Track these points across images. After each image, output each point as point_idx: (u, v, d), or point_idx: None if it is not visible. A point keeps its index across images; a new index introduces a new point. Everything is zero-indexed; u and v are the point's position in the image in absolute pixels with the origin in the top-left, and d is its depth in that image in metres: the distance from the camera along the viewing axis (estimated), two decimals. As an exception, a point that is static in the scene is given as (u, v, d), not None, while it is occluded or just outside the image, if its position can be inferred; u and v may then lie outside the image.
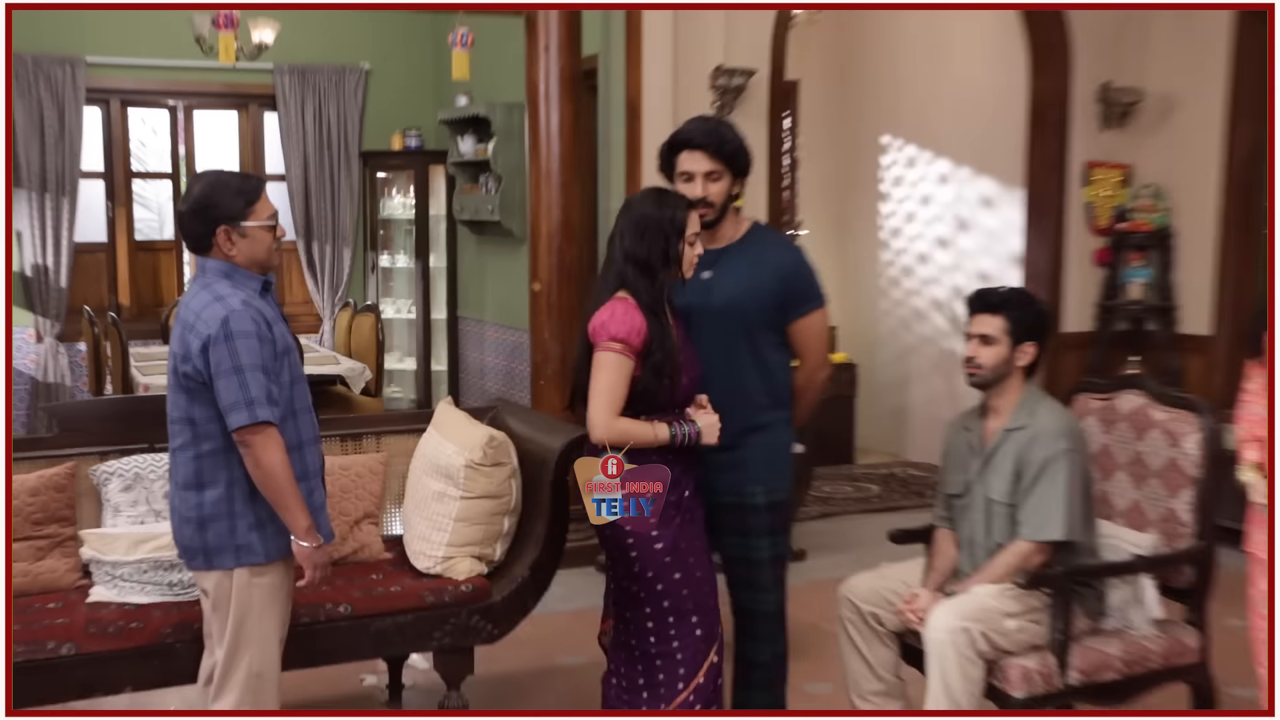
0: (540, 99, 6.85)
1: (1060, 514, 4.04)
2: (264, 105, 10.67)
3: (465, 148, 9.97)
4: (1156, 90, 8.16)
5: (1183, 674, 4.33)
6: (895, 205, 9.99)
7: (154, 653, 4.17)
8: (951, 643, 3.93)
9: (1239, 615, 4.51)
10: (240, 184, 3.78)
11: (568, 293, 6.91)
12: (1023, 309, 4.26)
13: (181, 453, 3.77)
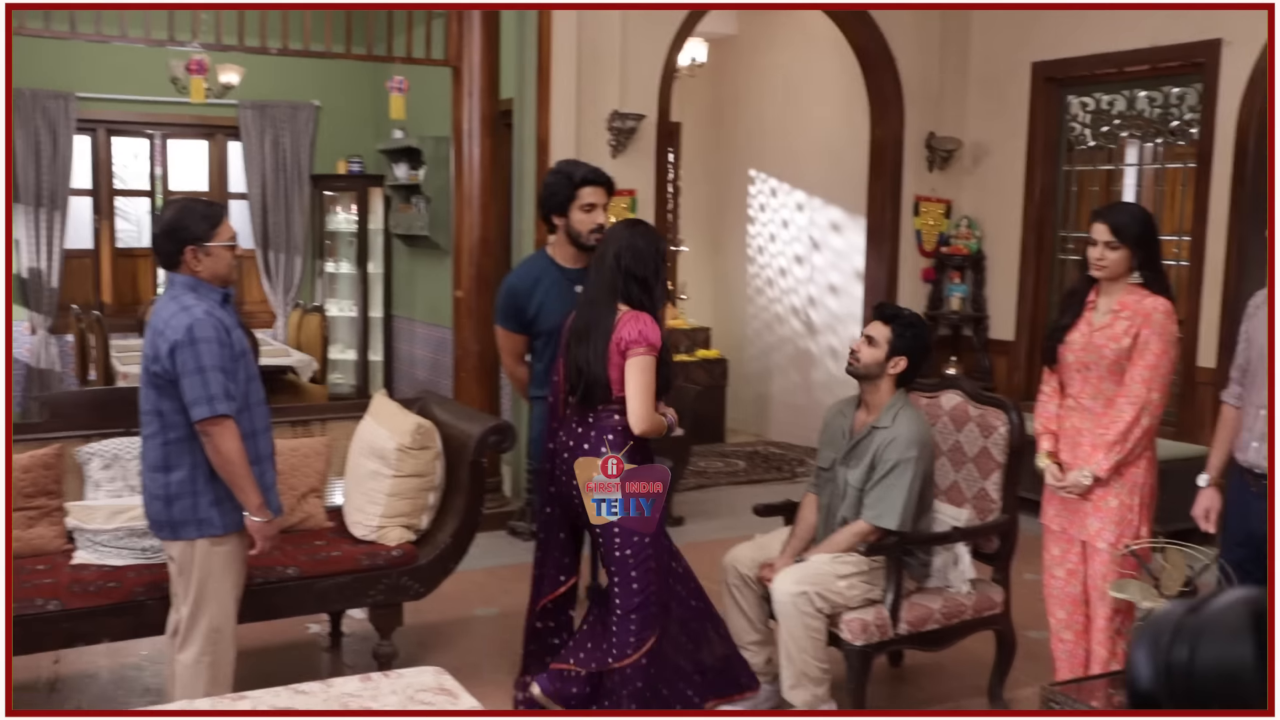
0: (464, 136, 6.80)
1: (899, 508, 4.06)
2: (229, 135, 10.44)
3: (400, 173, 9.86)
4: (972, 139, 8.27)
5: (990, 623, 4.40)
6: (760, 227, 10.00)
7: (128, 608, 4.10)
8: (793, 603, 3.97)
9: (1034, 571, 4.58)
10: (205, 210, 3.77)
11: (485, 299, 6.82)
12: (908, 329, 4.23)
13: (151, 440, 3.73)
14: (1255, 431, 3.65)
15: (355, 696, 3.26)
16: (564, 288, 4.45)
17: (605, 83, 7.08)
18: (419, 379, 10.07)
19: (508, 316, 4.58)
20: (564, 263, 4.51)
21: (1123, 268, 4.02)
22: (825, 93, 9.07)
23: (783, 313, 9.74)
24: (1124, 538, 3.97)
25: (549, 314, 4.44)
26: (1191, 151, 7.04)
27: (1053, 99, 7.79)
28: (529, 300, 4.46)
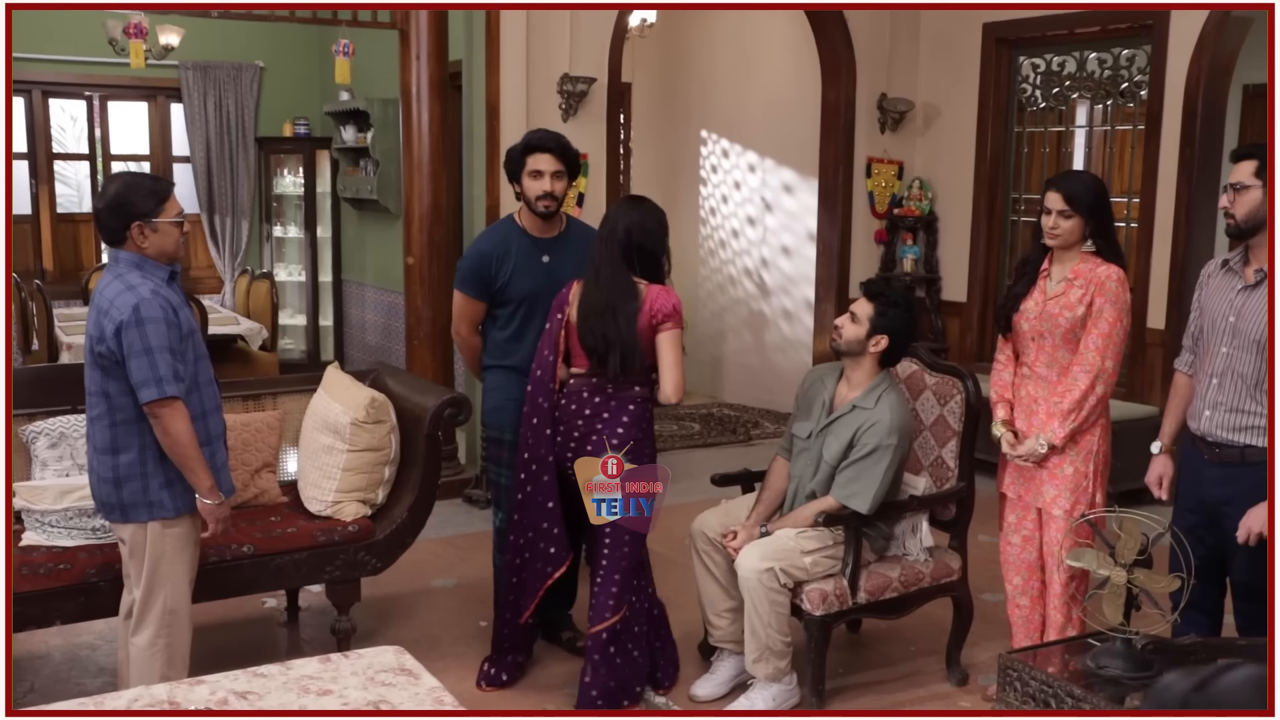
0: (413, 100, 6.70)
1: (871, 493, 4.06)
2: (170, 97, 10.24)
3: (347, 136, 9.72)
4: (923, 101, 8.27)
5: (948, 589, 4.44)
6: (712, 189, 9.96)
7: (80, 590, 4.03)
8: (759, 580, 3.98)
9: (989, 533, 4.63)
10: (152, 185, 3.67)
11: (437, 265, 6.78)
12: (890, 307, 4.16)
13: (98, 421, 3.65)
14: (1208, 400, 3.68)
15: (315, 679, 3.23)
16: (534, 256, 4.44)
17: (555, 45, 7.00)
18: (370, 344, 9.99)
19: (473, 283, 4.47)
20: (531, 231, 4.48)
21: (1076, 236, 4.04)
22: (776, 54, 9.02)
23: (735, 274, 9.72)
24: (1079, 504, 4.02)
25: (519, 282, 4.42)
26: (1141, 113, 7.08)
27: (1004, 60, 7.80)
28: (500, 268, 4.41)
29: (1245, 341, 3.57)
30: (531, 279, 4.40)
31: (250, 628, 5.01)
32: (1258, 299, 3.57)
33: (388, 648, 3.44)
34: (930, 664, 4.64)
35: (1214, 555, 3.69)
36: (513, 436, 4.46)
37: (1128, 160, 7.34)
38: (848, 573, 4.10)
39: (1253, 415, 3.58)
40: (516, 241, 4.46)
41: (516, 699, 4.37)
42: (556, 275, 4.41)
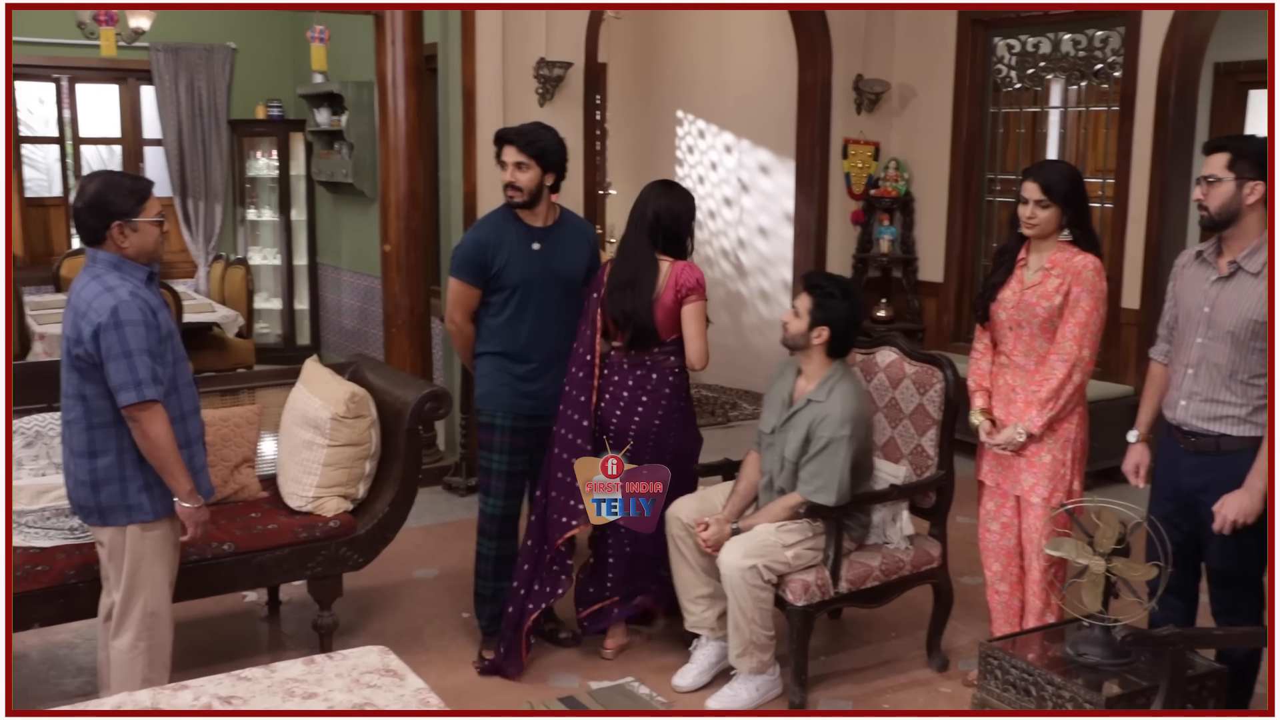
0: (388, 86, 6.66)
1: (834, 486, 4.08)
2: (141, 79, 10.13)
3: (321, 118, 9.66)
4: (899, 82, 8.26)
5: (928, 577, 4.47)
6: (689, 170, 9.95)
7: (59, 593, 4.02)
8: (742, 577, 4.00)
9: (968, 514, 4.66)
10: (132, 184, 3.65)
11: (414, 252, 6.76)
12: (828, 299, 4.18)
13: (75, 424, 3.63)
14: (1183, 390, 3.71)
15: (299, 681, 3.24)
16: (526, 244, 4.47)
17: (531, 30, 6.96)
18: (346, 328, 9.95)
19: (469, 269, 4.48)
20: (530, 221, 4.51)
21: (1053, 225, 4.05)
22: (752, 35, 8.99)
23: (713, 255, 9.71)
24: (1057, 492, 4.05)
25: (513, 269, 4.44)
26: (1115, 93, 7.09)
27: (979, 41, 7.80)
28: (495, 255, 4.43)
29: (1220, 332, 3.60)
30: (524, 266, 4.45)
31: (231, 623, 5.00)
32: (1232, 290, 3.59)
33: (372, 648, 3.45)
34: (911, 649, 4.68)
35: (1189, 542, 3.72)
36: (505, 421, 4.52)
37: (1102, 140, 7.35)
38: (829, 563, 4.12)
39: (1228, 405, 3.61)
40: (511, 229, 4.48)
41: (503, 692, 4.37)
42: (548, 263, 4.49)
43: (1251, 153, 3.57)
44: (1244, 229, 3.59)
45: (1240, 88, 9.05)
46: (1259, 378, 3.56)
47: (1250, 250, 3.57)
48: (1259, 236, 3.57)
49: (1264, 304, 3.50)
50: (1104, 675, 3.49)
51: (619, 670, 4.51)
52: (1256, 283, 3.54)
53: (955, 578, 4.73)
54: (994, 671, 3.67)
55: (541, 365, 4.52)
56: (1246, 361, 3.57)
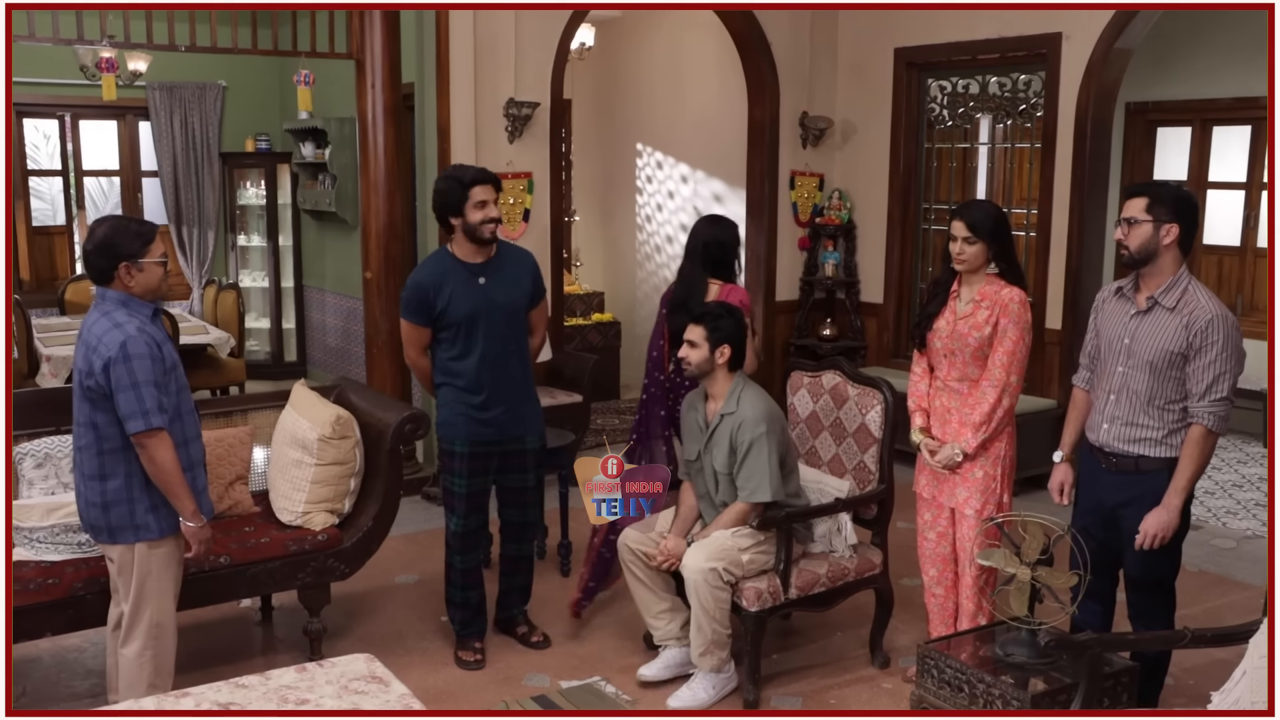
0: (368, 125, 6.66)
1: (767, 482, 4.13)
2: (139, 115, 10.07)
3: (306, 152, 9.64)
4: (841, 119, 8.34)
5: (871, 582, 4.52)
6: (648, 198, 9.99)
7: (68, 604, 4.03)
8: (704, 579, 4.04)
9: (908, 520, 4.71)
10: (138, 228, 3.68)
11: (394, 279, 6.74)
12: (718, 320, 4.23)
13: (86, 450, 3.65)
14: (1106, 414, 3.77)
15: (292, 688, 3.25)
16: (469, 281, 4.45)
17: (501, 72, 6.97)
18: (331, 346, 9.92)
19: (415, 311, 4.48)
20: (464, 258, 4.48)
21: (981, 259, 4.12)
22: (706, 74, 9.06)
23: (670, 277, 9.67)
24: (988, 505, 4.12)
25: (457, 306, 4.43)
26: (1037, 132, 7.20)
27: (914, 82, 7.89)
28: (437, 295, 4.43)
29: (1139, 362, 3.67)
30: (469, 301, 4.42)
31: (227, 628, 4.99)
32: (1149, 323, 3.66)
33: (359, 656, 3.46)
34: (855, 648, 4.73)
35: (1108, 552, 3.79)
36: (463, 448, 4.52)
37: (1026, 174, 7.46)
38: (780, 569, 4.17)
39: (1146, 429, 3.68)
40: (452, 270, 4.46)
41: (480, 691, 4.39)
42: (491, 296, 4.47)
43: (1168, 198, 3.64)
44: (1160, 267, 3.66)
45: (1149, 125, 9.21)
46: (1174, 403, 3.63)
47: (1166, 287, 3.64)
48: (1173, 274, 3.64)
49: (1179, 336, 3.57)
50: (1030, 673, 3.56)
51: (587, 670, 4.54)
52: (1172, 317, 3.61)
53: (896, 580, 4.79)
54: (931, 670, 3.73)
55: (494, 394, 4.50)
56: (1163, 389, 3.64)
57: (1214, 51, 8.68)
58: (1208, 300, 3.60)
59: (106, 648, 3.95)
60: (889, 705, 4.28)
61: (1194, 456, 3.60)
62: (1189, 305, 3.59)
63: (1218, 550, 6.02)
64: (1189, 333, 3.56)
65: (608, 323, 9.59)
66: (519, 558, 4.81)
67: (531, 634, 4.80)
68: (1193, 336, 3.56)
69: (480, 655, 4.62)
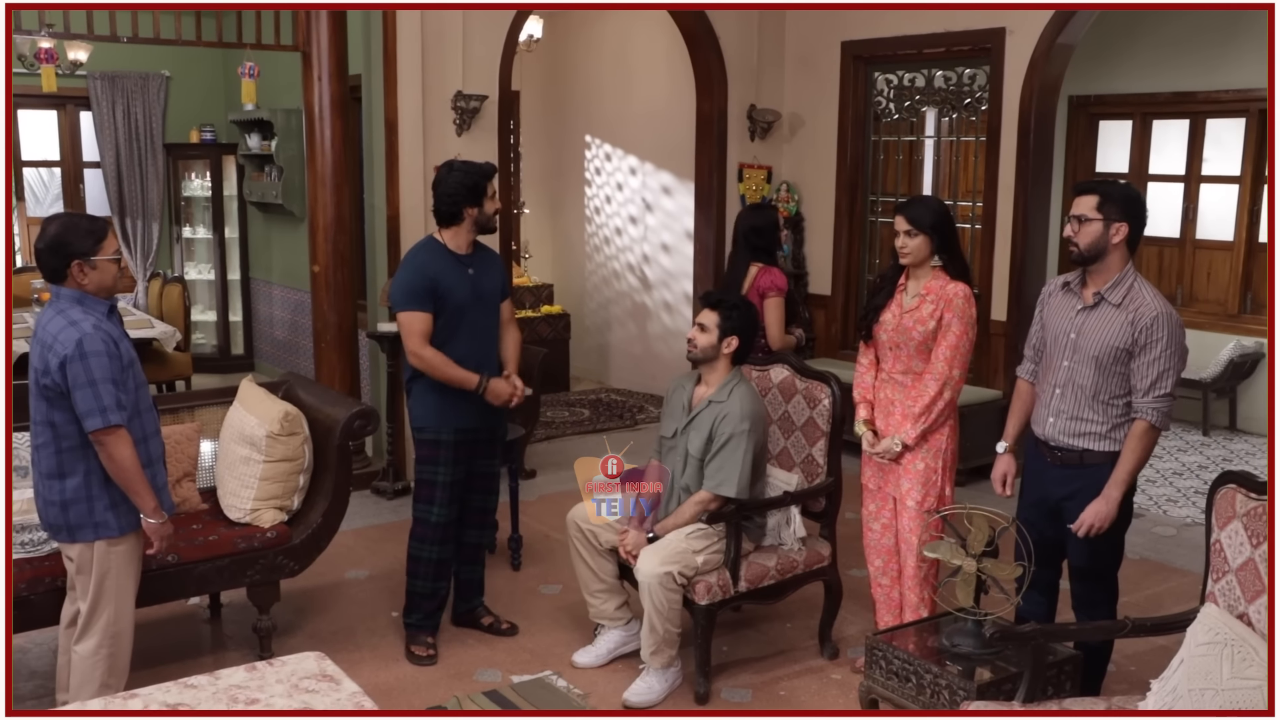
0: (315, 118, 6.62)
1: (736, 478, 4.16)
2: (80, 105, 9.91)
3: (252, 143, 9.54)
4: (789, 111, 8.38)
5: (819, 574, 4.56)
6: (596, 190, 9.99)
7: (13, 605, 3.91)
8: (659, 581, 4.07)
9: (856, 511, 4.74)
10: (90, 225, 3.64)
11: (342, 273, 6.72)
12: (733, 310, 4.32)
13: (44, 449, 3.63)
14: (1051, 408, 3.81)
15: (242, 688, 3.23)
16: (461, 271, 4.48)
17: (449, 64, 6.93)
18: (278, 339, 9.83)
19: (421, 298, 4.39)
20: (458, 250, 4.50)
21: (924, 253, 4.17)
22: (654, 66, 9.06)
23: (619, 269, 9.77)
24: (929, 497, 4.17)
25: (452, 295, 4.44)
26: (982, 125, 7.27)
27: (860, 75, 7.94)
28: (438, 281, 4.42)
29: (1085, 356, 3.71)
30: (462, 291, 4.46)
31: (176, 626, 4.94)
32: (1095, 319, 3.70)
33: (309, 654, 3.44)
34: (804, 639, 4.77)
35: (1051, 543, 3.85)
36: (449, 436, 4.52)
37: (971, 167, 7.53)
38: (729, 563, 4.20)
39: (1090, 422, 3.73)
40: (447, 260, 4.48)
41: (431, 687, 4.38)
42: (479, 286, 4.52)
43: (1119, 196, 3.68)
44: (1108, 264, 3.70)
45: (1092, 119, 9.34)
46: (1118, 398, 3.69)
47: (1112, 283, 3.69)
48: (1120, 271, 3.69)
49: (1124, 332, 3.62)
50: (976, 663, 3.62)
51: (538, 664, 4.55)
52: (1118, 313, 3.66)
53: (844, 570, 4.83)
54: (879, 661, 3.78)
55: None
56: (1108, 383, 3.69)
57: (1154, 45, 8.81)
58: (1153, 298, 3.65)
59: (59, 646, 3.91)
60: (838, 696, 4.32)
61: (1135, 450, 3.66)
62: (1135, 302, 3.65)
63: (1158, 538, 6.13)
64: (1134, 329, 3.61)
65: (557, 315, 9.59)
66: (480, 545, 4.87)
67: (499, 622, 4.86)
68: (1138, 333, 3.61)
69: (433, 650, 4.62)
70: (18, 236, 9.88)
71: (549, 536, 5.88)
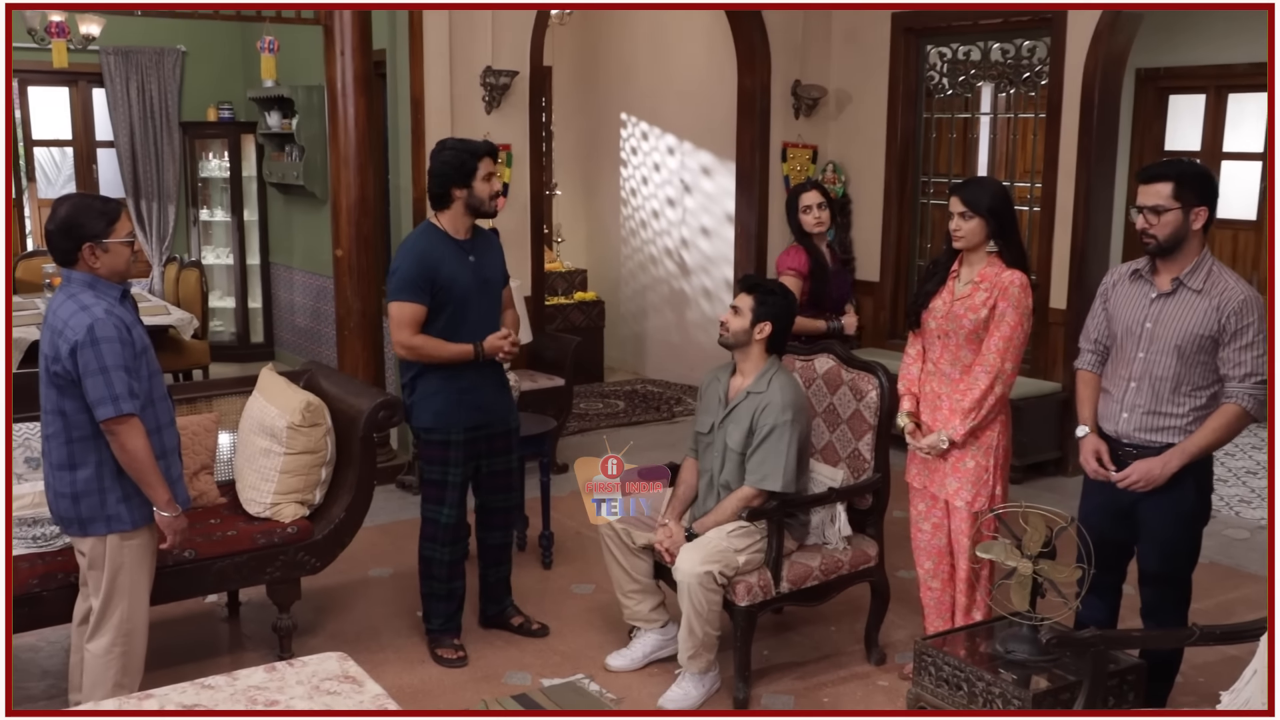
0: (338, 95, 6.64)
1: (780, 471, 4.16)
2: (92, 82, 10.00)
3: (272, 121, 9.59)
4: (836, 87, 8.35)
5: (865, 575, 4.55)
6: (632, 170, 9.99)
7: (23, 601, 4.01)
8: (699, 582, 4.07)
9: (902, 509, 4.73)
10: (102, 206, 3.67)
11: (366, 256, 6.76)
12: (769, 295, 4.32)
13: (55, 439, 3.67)
14: (1125, 403, 3.75)
15: (261, 689, 3.26)
16: (461, 258, 4.50)
17: (478, 38, 6.96)
18: (299, 327, 9.91)
19: (418, 290, 4.39)
20: (456, 235, 4.50)
21: (979, 237, 4.14)
22: (693, 40, 9.04)
23: (656, 254, 9.77)
24: (980, 497, 4.15)
25: (454, 284, 4.45)
26: (1042, 100, 7.21)
27: (911, 49, 7.90)
28: (438, 271, 4.42)
29: (1164, 346, 3.66)
30: (464, 279, 4.47)
31: (193, 624, 5.00)
32: (1174, 306, 3.66)
33: (331, 655, 3.47)
34: (849, 643, 4.77)
35: (1115, 547, 3.81)
36: (458, 435, 4.54)
37: (1030, 146, 7.48)
38: (771, 563, 4.20)
39: (1171, 416, 3.68)
40: (447, 246, 4.48)
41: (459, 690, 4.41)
42: (479, 273, 4.53)
43: (1194, 180, 3.63)
44: (1185, 250, 3.66)
45: (1160, 93, 9.22)
46: (1201, 389, 3.65)
47: (1191, 268, 3.65)
48: (1198, 255, 3.66)
49: (1209, 319, 3.58)
50: (1031, 671, 3.59)
51: (570, 667, 4.57)
52: (1201, 299, 3.61)
53: (891, 572, 4.82)
54: (928, 668, 3.76)
55: (481, 376, 4.56)
56: (1190, 374, 3.65)
57: (1231, 14, 8.69)
58: (1236, 282, 3.61)
59: (71, 644, 3.96)
60: (885, 704, 4.32)
61: (1217, 429, 3.61)
62: (1217, 287, 3.60)
63: (1230, 541, 6.07)
64: (1220, 315, 3.57)
65: (591, 302, 9.60)
66: (505, 545, 4.89)
67: (530, 622, 4.89)
68: (1225, 319, 3.57)
69: (463, 652, 4.65)
70: (29, 219, 10.01)
71: (581, 534, 5.90)
